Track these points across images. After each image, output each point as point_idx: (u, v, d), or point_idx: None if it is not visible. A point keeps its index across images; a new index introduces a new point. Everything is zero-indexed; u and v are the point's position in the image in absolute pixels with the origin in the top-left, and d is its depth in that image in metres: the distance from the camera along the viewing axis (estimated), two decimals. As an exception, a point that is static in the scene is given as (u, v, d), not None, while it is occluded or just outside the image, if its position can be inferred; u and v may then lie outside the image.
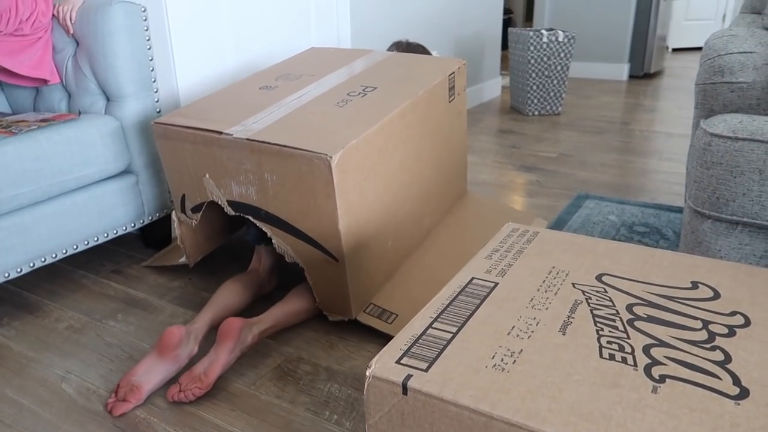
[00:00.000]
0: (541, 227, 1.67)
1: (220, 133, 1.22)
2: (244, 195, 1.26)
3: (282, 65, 1.64)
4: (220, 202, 1.33)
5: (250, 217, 1.28)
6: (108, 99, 1.53)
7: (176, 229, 1.48)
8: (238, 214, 1.30)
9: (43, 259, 1.37)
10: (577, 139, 2.86)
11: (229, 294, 1.31)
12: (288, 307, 1.28)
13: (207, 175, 1.31)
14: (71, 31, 1.49)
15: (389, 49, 2.12)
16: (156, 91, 1.57)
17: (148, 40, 1.52)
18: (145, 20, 1.50)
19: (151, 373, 1.10)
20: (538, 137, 2.90)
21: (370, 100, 1.32)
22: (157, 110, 1.58)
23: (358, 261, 1.23)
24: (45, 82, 1.53)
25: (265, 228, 1.27)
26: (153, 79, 1.56)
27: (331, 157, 1.08)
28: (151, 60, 1.54)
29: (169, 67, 1.73)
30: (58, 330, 1.33)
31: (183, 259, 1.53)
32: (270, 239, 1.28)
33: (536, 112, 3.38)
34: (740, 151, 1.03)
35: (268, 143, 1.15)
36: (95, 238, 1.48)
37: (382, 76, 1.47)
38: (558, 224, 1.83)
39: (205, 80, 1.87)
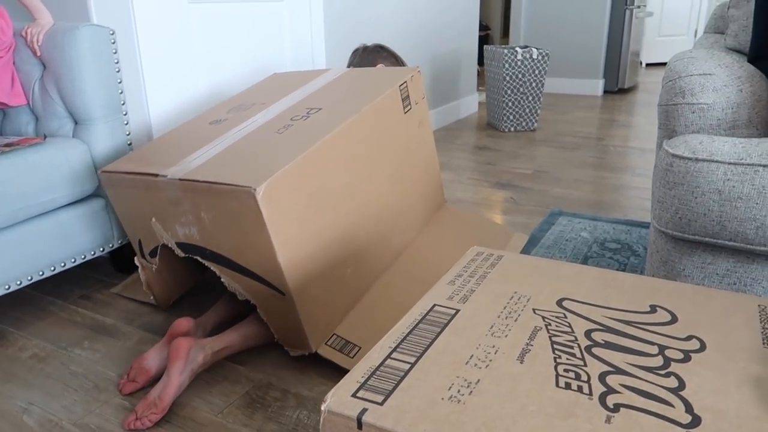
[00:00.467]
0: (521, 242, 1.69)
1: (157, 175, 1.19)
2: (188, 236, 1.23)
3: (238, 96, 1.61)
4: (170, 245, 1.29)
5: (198, 258, 1.24)
6: (76, 122, 1.51)
7: (141, 275, 1.44)
8: (187, 255, 1.27)
9: (7, 287, 1.34)
10: (552, 155, 2.89)
11: (225, 306, 1.34)
12: (245, 330, 1.25)
13: (154, 219, 1.29)
14: (38, 54, 1.47)
15: (350, 58, 2.06)
16: (125, 114, 1.56)
17: (117, 63, 1.51)
18: (114, 43, 1.49)
19: (159, 359, 1.19)
20: (514, 153, 2.93)
21: (312, 122, 1.28)
22: (127, 133, 1.57)
23: (310, 293, 1.17)
24: (5, 105, 1.51)
25: (213, 267, 1.23)
26: (122, 102, 1.54)
27: (255, 190, 1.02)
28: (120, 83, 1.53)
29: (139, 89, 1.72)
30: (21, 359, 1.30)
31: (152, 300, 1.49)
32: None
33: (512, 128, 3.41)
34: (700, 172, 1.05)
35: (198, 181, 1.11)
36: (62, 264, 1.45)
37: (330, 96, 1.42)
38: (531, 241, 1.84)
39: (177, 101, 1.86)
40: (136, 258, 1.44)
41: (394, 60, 2.03)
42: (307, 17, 2.34)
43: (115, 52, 1.50)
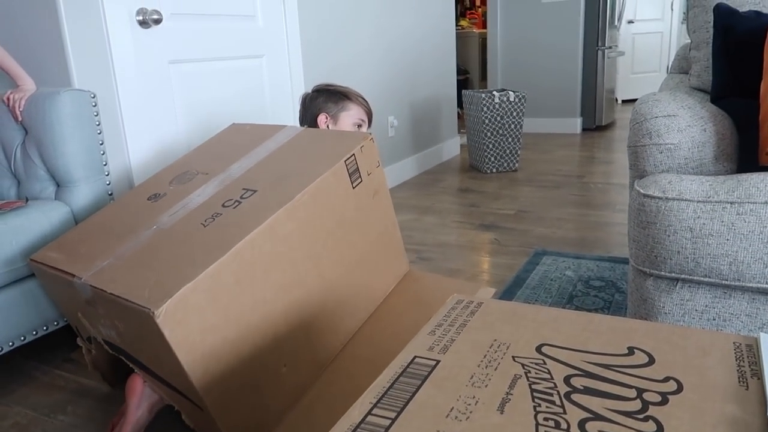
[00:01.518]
0: (488, 295, 1.65)
1: (73, 276, 1.12)
2: (110, 336, 1.15)
3: (186, 158, 1.50)
4: (99, 340, 1.23)
5: (123, 358, 1.18)
6: (58, 185, 1.52)
7: (85, 356, 1.37)
8: (114, 353, 1.21)
9: (-13, 354, 1.32)
10: (534, 194, 2.93)
11: None
12: None
13: (80, 314, 1.22)
14: (20, 119, 1.50)
15: (299, 106, 1.82)
16: (107, 174, 1.57)
17: (99, 124, 1.53)
18: (95, 106, 1.52)
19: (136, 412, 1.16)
20: (497, 195, 2.97)
21: (239, 213, 1.16)
22: (109, 192, 1.58)
23: (233, 402, 1.08)
24: None
25: (137, 371, 1.18)
26: (104, 162, 1.56)
27: (154, 312, 0.93)
28: (102, 144, 1.55)
29: (121, 148, 1.74)
30: (2, 429, 1.28)
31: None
32: None
33: (494, 170, 3.47)
34: (671, 210, 1.07)
35: (105, 291, 1.04)
36: (44, 328, 1.44)
37: (269, 173, 1.30)
38: (517, 282, 1.86)
39: (159, 159, 1.89)
40: (77, 339, 1.38)
41: (336, 99, 1.75)
42: (286, 71, 2.40)
43: (97, 115, 1.53)
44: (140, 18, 1.77)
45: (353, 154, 1.31)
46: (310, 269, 1.20)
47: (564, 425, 0.64)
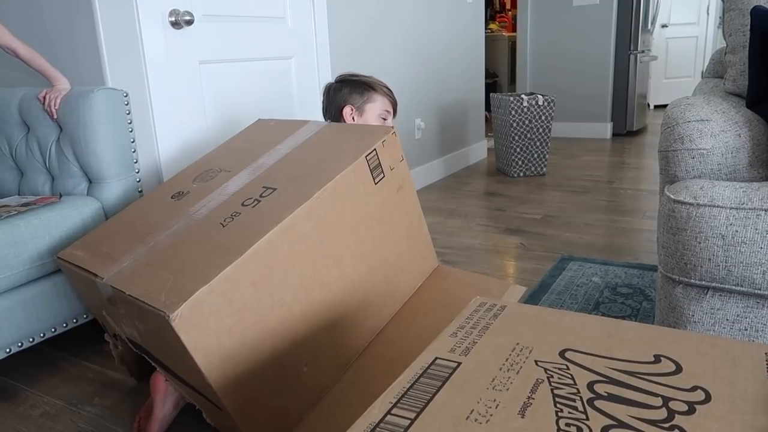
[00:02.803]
0: (518, 294, 1.63)
1: (96, 275, 1.12)
2: (133, 336, 1.16)
3: (210, 156, 1.50)
4: (124, 338, 1.23)
5: (146, 357, 1.19)
6: (90, 181, 1.56)
7: (112, 350, 1.40)
8: (138, 352, 1.22)
9: (20, 344, 1.36)
10: (562, 199, 2.90)
11: None
12: None
13: (104, 312, 1.23)
14: (55, 117, 1.53)
15: (322, 100, 1.79)
16: (138, 172, 1.60)
17: (130, 123, 1.57)
18: (127, 105, 1.55)
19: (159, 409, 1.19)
20: (524, 199, 2.94)
21: (258, 212, 1.14)
22: (139, 189, 1.61)
23: (253, 405, 1.07)
24: None
25: (160, 369, 1.19)
26: (135, 160, 1.59)
27: (169, 316, 0.92)
28: (133, 142, 1.58)
29: (152, 146, 1.77)
30: (32, 417, 1.31)
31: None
32: None
33: (521, 174, 3.43)
34: (702, 217, 1.05)
35: (124, 293, 1.03)
36: (74, 320, 1.47)
37: (290, 170, 1.29)
38: (542, 288, 1.83)
39: (189, 157, 1.92)
40: (105, 334, 1.40)
41: (362, 90, 1.69)
42: (314, 73, 2.41)
43: (129, 113, 1.56)
44: (172, 19, 1.80)
45: (374, 149, 1.27)
46: (331, 269, 1.17)
47: (586, 431, 0.63)
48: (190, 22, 1.82)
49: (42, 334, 1.40)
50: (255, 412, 1.08)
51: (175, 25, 1.82)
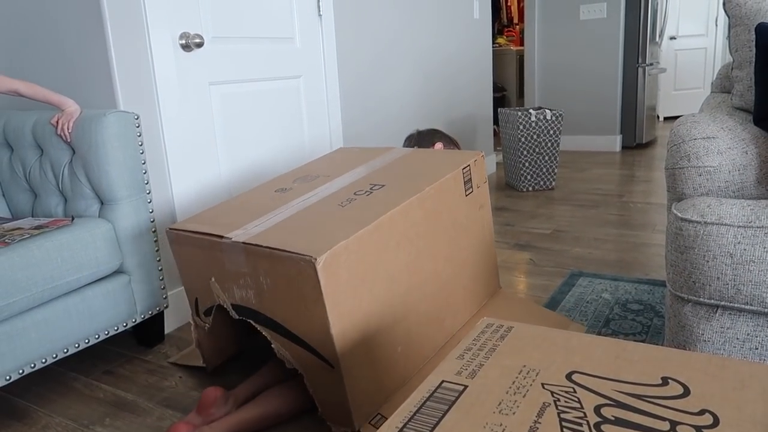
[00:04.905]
0: (580, 331, 1.60)
1: (222, 237, 1.23)
2: (244, 298, 1.26)
3: (304, 167, 1.67)
4: (225, 306, 1.32)
5: (251, 321, 1.27)
6: (102, 202, 1.58)
7: (193, 333, 1.50)
8: (241, 317, 1.30)
9: (32, 365, 1.37)
10: (571, 213, 2.89)
11: (276, 367, 1.38)
12: (275, 402, 1.29)
13: (213, 279, 1.32)
14: (69, 140, 1.56)
15: (404, 144, 2.09)
16: (149, 193, 1.62)
17: (141, 145, 1.59)
18: (138, 127, 1.58)
19: (188, 427, 1.20)
20: (533, 213, 2.94)
21: (375, 198, 1.30)
22: (150, 210, 1.63)
23: (358, 368, 1.17)
24: None
25: (265, 332, 1.25)
26: (146, 182, 1.61)
27: (315, 259, 1.05)
28: (144, 164, 1.60)
29: (162, 168, 1.80)
30: (44, 438, 1.32)
31: (202, 363, 1.54)
32: None
33: (530, 188, 3.43)
34: (710, 235, 1.05)
35: (261, 246, 1.14)
36: (86, 341, 1.48)
37: (393, 174, 1.45)
38: (551, 304, 1.83)
39: (199, 177, 1.94)
40: (191, 316, 1.50)
41: (449, 140, 2.05)
42: (323, 90, 2.44)
43: (140, 135, 1.58)
44: (183, 42, 1.84)
45: (469, 165, 1.48)
46: (428, 259, 1.33)
47: (593, 457, 0.63)
48: (200, 45, 1.85)
49: (54, 355, 1.42)
50: (358, 377, 1.17)
51: (186, 47, 1.85)
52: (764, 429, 0.66)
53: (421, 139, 2.04)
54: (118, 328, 1.56)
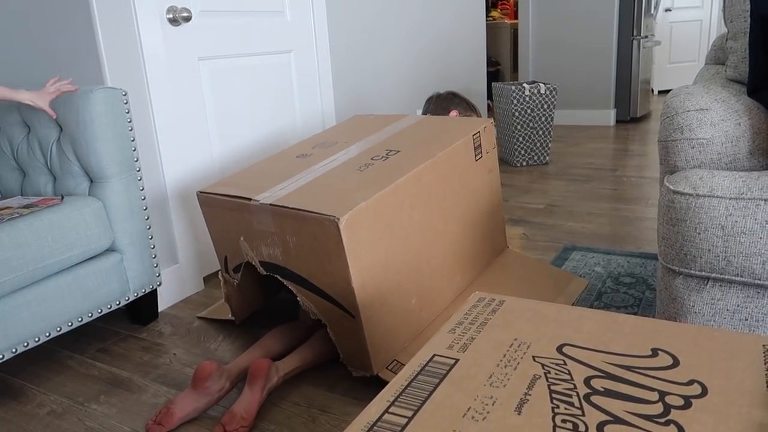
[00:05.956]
0: (580, 288, 1.67)
1: (249, 199, 1.33)
2: (272, 255, 1.36)
3: (322, 134, 1.78)
4: (253, 263, 1.43)
5: (278, 276, 1.38)
6: (91, 180, 1.57)
7: (222, 288, 1.61)
8: (269, 273, 1.40)
9: (25, 344, 1.37)
10: (565, 188, 2.89)
11: (272, 342, 1.44)
12: (309, 352, 1.39)
13: (242, 238, 1.42)
14: (54, 116, 1.52)
15: (424, 106, 2.20)
16: (139, 170, 1.61)
17: (130, 122, 1.57)
18: (126, 103, 1.55)
19: (184, 402, 1.23)
20: (526, 188, 2.93)
21: (390, 163, 1.40)
22: (141, 188, 1.62)
23: (377, 317, 1.27)
24: None
25: (291, 286, 1.36)
26: (136, 158, 1.60)
27: (338, 219, 1.15)
28: (133, 140, 1.58)
29: (152, 144, 1.78)
30: (39, 416, 1.32)
31: (230, 316, 1.65)
32: None
33: (524, 163, 3.42)
34: (702, 208, 1.05)
35: (287, 207, 1.24)
36: (79, 319, 1.48)
37: (407, 140, 1.54)
38: (544, 279, 1.83)
39: (190, 153, 1.92)
40: (220, 273, 1.61)
41: (466, 105, 2.14)
42: (314, 65, 2.40)
43: (128, 112, 1.56)
44: (170, 16, 1.80)
45: (479, 132, 1.57)
46: (439, 219, 1.43)
47: (582, 428, 0.63)
48: (188, 19, 1.82)
49: (48, 334, 1.42)
50: (377, 325, 1.27)
51: (173, 22, 1.81)
52: (752, 398, 0.66)
53: (439, 104, 2.14)
54: (111, 307, 1.56)
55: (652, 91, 6.00)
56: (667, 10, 5.85)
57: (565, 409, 0.66)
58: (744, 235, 1.01)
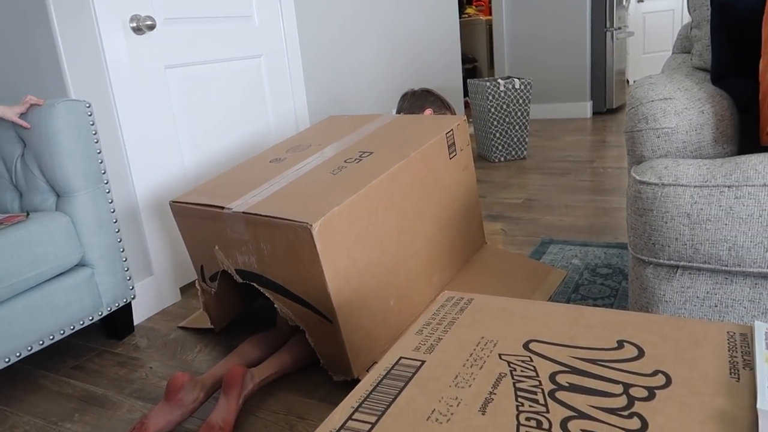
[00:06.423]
0: (559, 278, 1.69)
1: (222, 208, 1.33)
2: (247, 263, 1.35)
3: (296, 137, 1.77)
4: (229, 271, 1.42)
5: (255, 284, 1.36)
6: (58, 195, 1.54)
7: (200, 297, 1.60)
8: (245, 281, 1.39)
9: (-5, 365, 1.34)
10: (543, 182, 2.90)
11: (250, 349, 1.42)
12: (286, 357, 1.38)
13: (217, 247, 1.41)
14: (28, 126, 1.48)
15: (399, 103, 2.18)
16: (107, 183, 1.58)
17: (95, 134, 1.54)
18: (91, 115, 1.53)
19: (158, 416, 1.21)
20: (505, 184, 2.94)
21: (364, 165, 1.39)
22: (110, 201, 1.59)
23: (355, 321, 1.26)
24: None
25: (267, 293, 1.35)
26: (103, 171, 1.57)
27: (311, 225, 1.14)
28: (100, 153, 1.56)
29: (120, 156, 1.75)
30: (12, 438, 1.30)
31: (210, 325, 1.64)
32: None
33: (502, 158, 3.43)
34: (668, 197, 1.05)
35: (260, 215, 1.23)
36: (51, 337, 1.45)
37: (381, 141, 1.54)
38: (522, 274, 1.83)
39: (159, 162, 1.89)
40: (196, 282, 1.60)
41: (440, 103, 2.14)
42: (285, 69, 2.39)
43: (93, 124, 1.53)
44: (134, 25, 1.78)
45: (452, 129, 1.57)
46: (415, 219, 1.42)
47: (546, 425, 0.63)
48: (152, 27, 1.80)
49: (18, 354, 1.39)
50: (356, 329, 1.27)
51: (137, 30, 1.79)
52: (715, 386, 0.66)
53: (413, 102, 2.13)
54: (83, 323, 1.53)
55: (628, 81, 6.05)
56: (640, 0, 5.90)
57: (530, 406, 0.66)
58: (709, 222, 1.01)
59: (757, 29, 1.23)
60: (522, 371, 0.73)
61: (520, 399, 0.67)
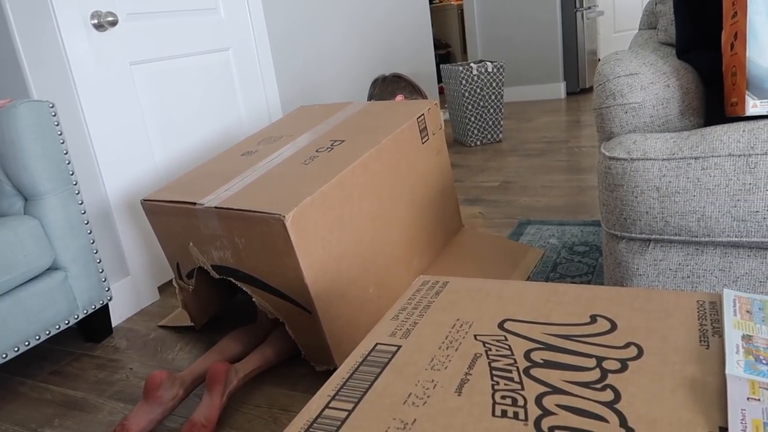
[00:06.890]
0: (536, 257, 1.70)
1: (194, 204, 1.31)
2: (222, 258, 1.34)
3: (268, 128, 1.75)
4: (205, 267, 1.41)
5: (232, 279, 1.36)
6: (26, 199, 1.50)
7: (178, 295, 1.58)
8: (222, 276, 1.38)
9: (-31, 375, 1.32)
10: (519, 164, 2.91)
11: (231, 344, 1.41)
12: (269, 350, 1.37)
13: (191, 243, 1.40)
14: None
15: (370, 89, 2.18)
16: (75, 184, 1.55)
17: (60, 134, 1.51)
18: (55, 116, 1.49)
19: (138, 416, 1.20)
20: (481, 167, 2.95)
21: (335, 154, 1.39)
22: (80, 202, 1.56)
23: (334, 310, 1.26)
24: None
25: (245, 287, 1.34)
26: (71, 172, 1.54)
27: (284, 217, 1.14)
28: (66, 154, 1.53)
29: (88, 156, 1.72)
30: (-9, 447, 1.28)
31: (190, 322, 1.63)
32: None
33: (478, 142, 3.44)
34: (637, 171, 1.06)
35: (232, 209, 1.22)
36: (26, 343, 1.43)
37: (352, 128, 1.53)
38: (501, 255, 1.84)
39: (129, 161, 1.86)
40: (173, 280, 1.59)
41: (412, 88, 2.14)
42: (254, 60, 2.36)
43: (58, 124, 1.50)
44: (95, 21, 1.74)
45: (423, 114, 1.56)
46: (391, 206, 1.42)
47: (521, 401, 0.63)
48: (114, 23, 1.76)
49: (-7, 362, 1.36)
50: (335, 318, 1.27)
51: (99, 27, 1.75)
52: (685, 354, 0.67)
53: (384, 88, 2.13)
54: (59, 327, 1.51)
55: (599, 61, 6.09)
56: (608, -21, 5.92)
57: (505, 384, 0.66)
58: (678, 194, 1.02)
59: (718, 1, 1.24)
60: (497, 350, 0.73)
61: (495, 378, 0.68)
